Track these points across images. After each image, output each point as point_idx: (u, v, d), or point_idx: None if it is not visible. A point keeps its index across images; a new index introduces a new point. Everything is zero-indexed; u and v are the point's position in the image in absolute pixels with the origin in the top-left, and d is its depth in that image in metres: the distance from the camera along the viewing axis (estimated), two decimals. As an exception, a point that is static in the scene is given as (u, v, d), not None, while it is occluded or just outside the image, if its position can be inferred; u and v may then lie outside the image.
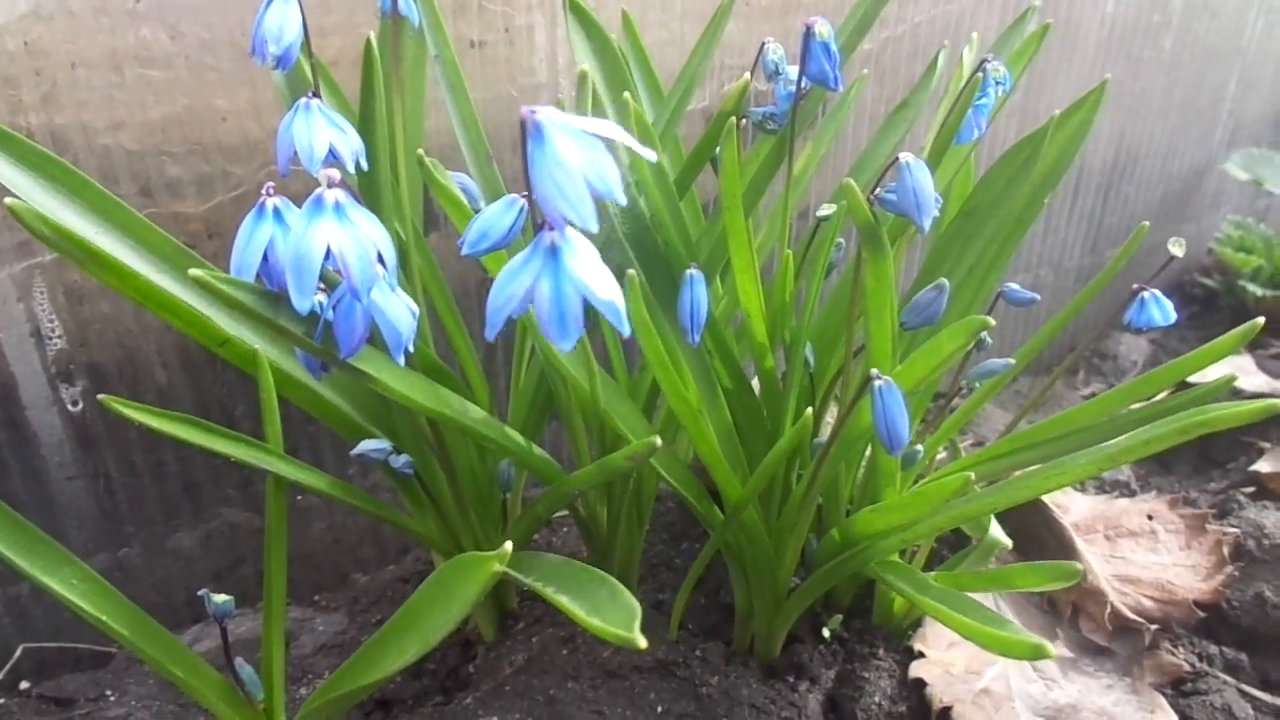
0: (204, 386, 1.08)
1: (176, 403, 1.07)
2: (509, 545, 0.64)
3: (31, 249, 0.96)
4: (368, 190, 0.84)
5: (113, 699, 1.05)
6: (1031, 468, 1.32)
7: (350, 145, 0.75)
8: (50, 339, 1.00)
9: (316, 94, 0.75)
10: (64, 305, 0.99)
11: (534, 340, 0.84)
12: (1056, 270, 1.81)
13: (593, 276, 0.53)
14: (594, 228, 0.51)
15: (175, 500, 1.12)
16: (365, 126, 0.84)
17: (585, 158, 0.50)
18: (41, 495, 1.04)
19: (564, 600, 0.63)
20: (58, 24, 0.91)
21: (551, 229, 0.54)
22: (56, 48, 0.91)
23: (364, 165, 0.77)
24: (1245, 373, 1.59)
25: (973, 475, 0.71)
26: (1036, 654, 0.64)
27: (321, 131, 0.73)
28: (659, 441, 0.68)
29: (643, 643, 0.57)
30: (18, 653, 1.08)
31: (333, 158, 0.73)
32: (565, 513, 1.34)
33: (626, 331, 0.54)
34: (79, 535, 1.07)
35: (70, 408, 1.03)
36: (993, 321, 0.69)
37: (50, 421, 1.02)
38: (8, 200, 0.62)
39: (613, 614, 0.60)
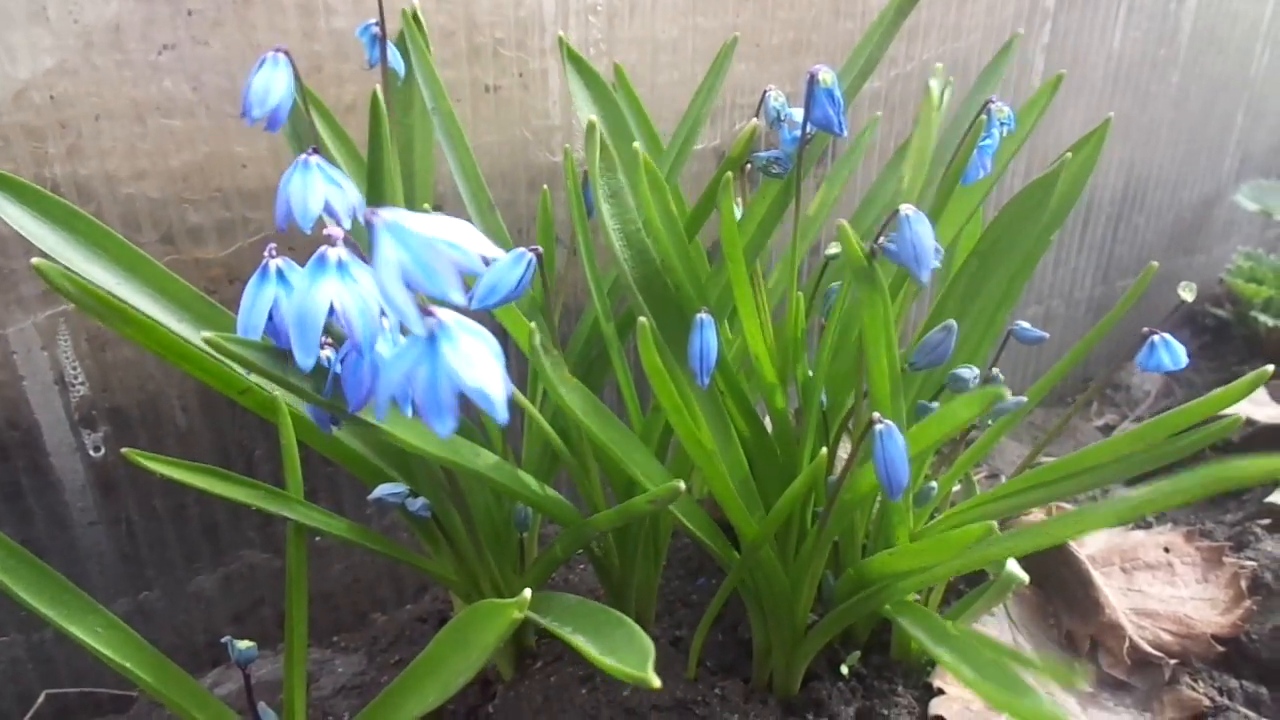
0: (224, 429, 1.10)
1: (197, 445, 1.09)
2: (528, 593, 0.64)
3: (55, 298, 0.98)
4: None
5: (134, 742, 1.06)
6: (1052, 513, 1.33)
7: (347, 201, 0.75)
8: (73, 385, 1.01)
9: (316, 150, 0.76)
10: (87, 352, 1.01)
11: (545, 385, 0.85)
12: (1068, 301, 1.81)
13: (464, 365, 0.51)
14: (419, 330, 0.51)
15: (195, 543, 1.13)
16: (374, 178, 0.86)
17: (409, 259, 0.49)
18: (64, 540, 1.05)
19: (579, 641, 0.64)
20: (82, 77, 0.93)
21: (432, 314, 0.52)
22: (81, 100, 0.93)
23: (361, 220, 0.78)
24: (1259, 404, 1.58)
25: (995, 525, 0.71)
26: (1049, 720, 0.64)
27: (317, 189, 0.73)
28: (683, 486, 0.69)
29: (656, 682, 0.57)
30: (40, 699, 1.09)
31: (328, 214, 0.74)
32: (580, 553, 1.35)
33: (502, 418, 0.51)
34: (101, 579, 1.09)
35: (92, 453, 1.04)
36: (1008, 395, 0.69)
37: (73, 467, 1.04)
38: (34, 260, 0.64)
39: (628, 654, 0.61)
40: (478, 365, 0.51)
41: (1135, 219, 1.86)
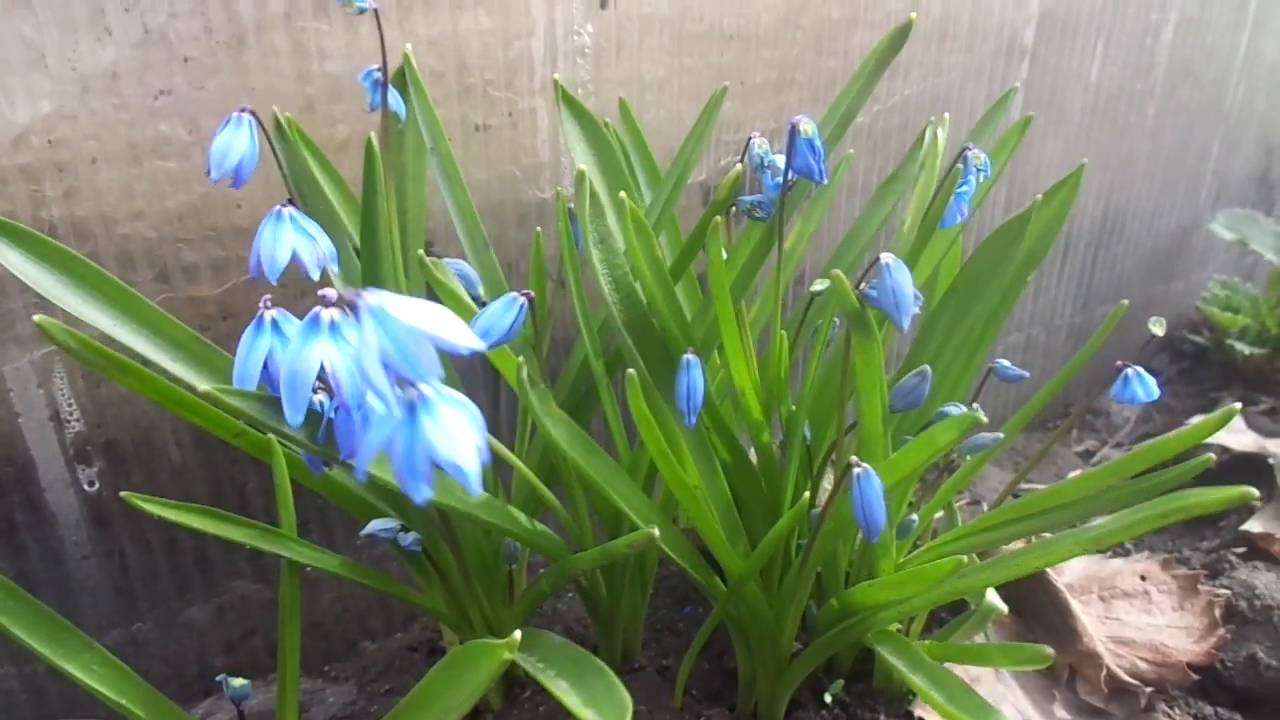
0: (217, 465, 1.11)
1: (191, 480, 1.10)
2: (518, 634, 0.66)
3: (52, 335, 0.99)
4: (371, 283, 0.87)
5: (125, 774, 1.07)
6: (1022, 545, 1.35)
7: (316, 253, 0.77)
8: (69, 422, 1.03)
9: (291, 201, 0.78)
10: (82, 389, 1.02)
11: (534, 419, 0.87)
12: (1048, 329, 1.84)
13: (441, 438, 0.52)
14: (396, 412, 0.52)
15: (188, 575, 1.14)
16: (367, 221, 0.88)
17: (389, 343, 0.50)
18: (58, 574, 1.06)
19: (561, 689, 0.65)
20: (80, 121, 0.95)
21: (413, 385, 0.53)
22: (79, 144, 0.95)
23: (333, 269, 0.80)
24: (1234, 431, 1.61)
25: (965, 559, 0.73)
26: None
27: (285, 240, 0.75)
28: (657, 533, 0.71)
29: (636, 734, 0.59)
30: (32, 731, 1.10)
31: (297, 263, 0.76)
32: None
33: (476, 491, 0.52)
34: (94, 612, 1.10)
35: (87, 488, 1.06)
36: (984, 418, 0.71)
37: (68, 502, 1.05)
38: (36, 318, 0.66)
39: (607, 707, 0.63)
40: (455, 438, 0.51)
41: (1114, 247, 1.89)
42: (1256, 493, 0.68)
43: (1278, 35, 1.97)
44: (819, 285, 1.03)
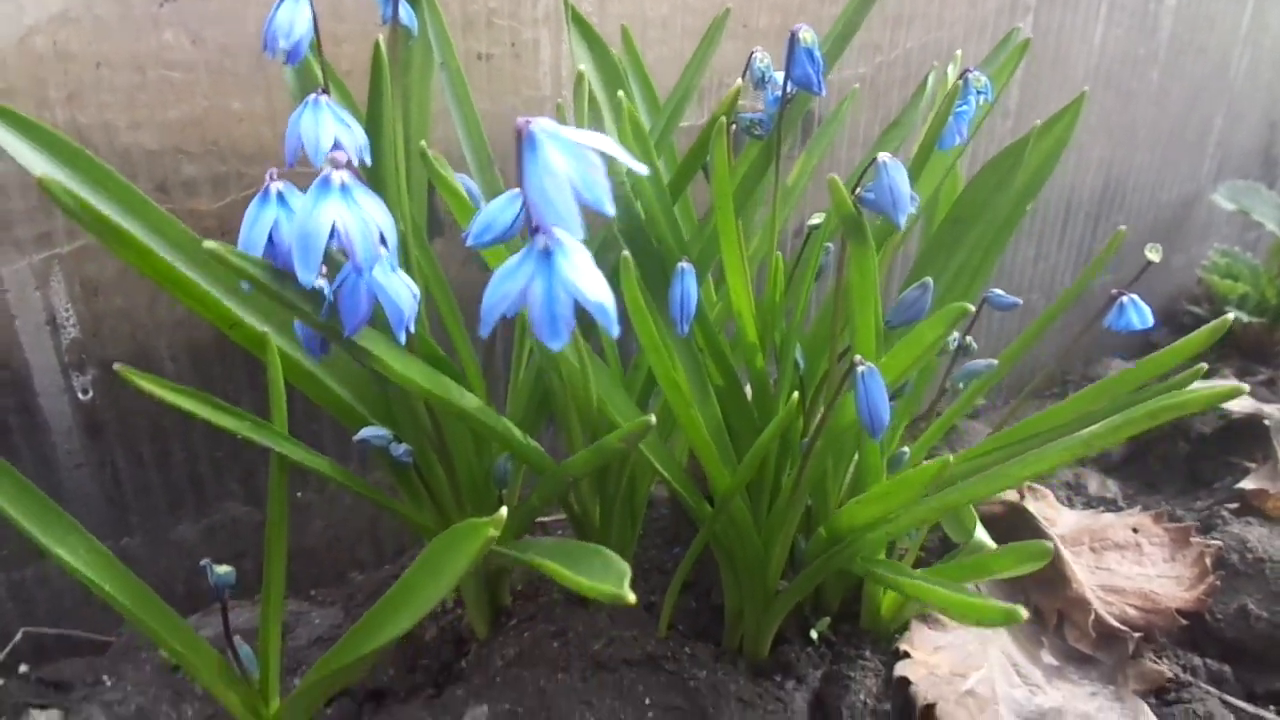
0: (211, 380, 1.12)
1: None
2: (504, 511, 0.66)
3: (51, 240, 1.00)
4: (374, 189, 0.87)
5: (109, 684, 1.07)
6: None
7: (355, 140, 0.79)
8: (65, 328, 1.03)
9: (326, 91, 0.79)
10: (79, 296, 1.03)
11: (531, 339, 0.87)
12: (1047, 295, 1.84)
13: (584, 280, 0.54)
14: (579, 236, 0.53)
15: (179, 492, 1.15)
16: (373, 127, 0.88)
17: (575, 168, 0.52)
18: (49, 481, 1.07)
19: (556, 565, 0.65)
20: (85, 26, 0.95)
21: (545, 232, 0.56)
22: (83, 49, 0.95)
23: (368, 160, 0.81)
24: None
25: (951, 458, 0.73)
26: (1009, 619, 0.66)
27: (328, 126, 0.76)
28: (653, 420, 0.71)
29: (632, 598, 0.59)
30: (18, 636, 1.10)
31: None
32: (560, 517, 1.37)
33: (615, 333, 0.55)
34: (84, 522, 1.07)
35: (81, 396, 1.06)
36: (971, 308, 0.72)
37: (61, 409, 1.05)
38: (38, 173, 0.66)
39: (604, 576, 0.62)
40: (593, 278, 0.53)
41: (1115, 217, 1.89)
42: (1247, 387, 0.68)
43: (1284, 8, 1.97)
44: (816, 219, 1.04)
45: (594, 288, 0.54)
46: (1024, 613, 0.65)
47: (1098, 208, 1.85)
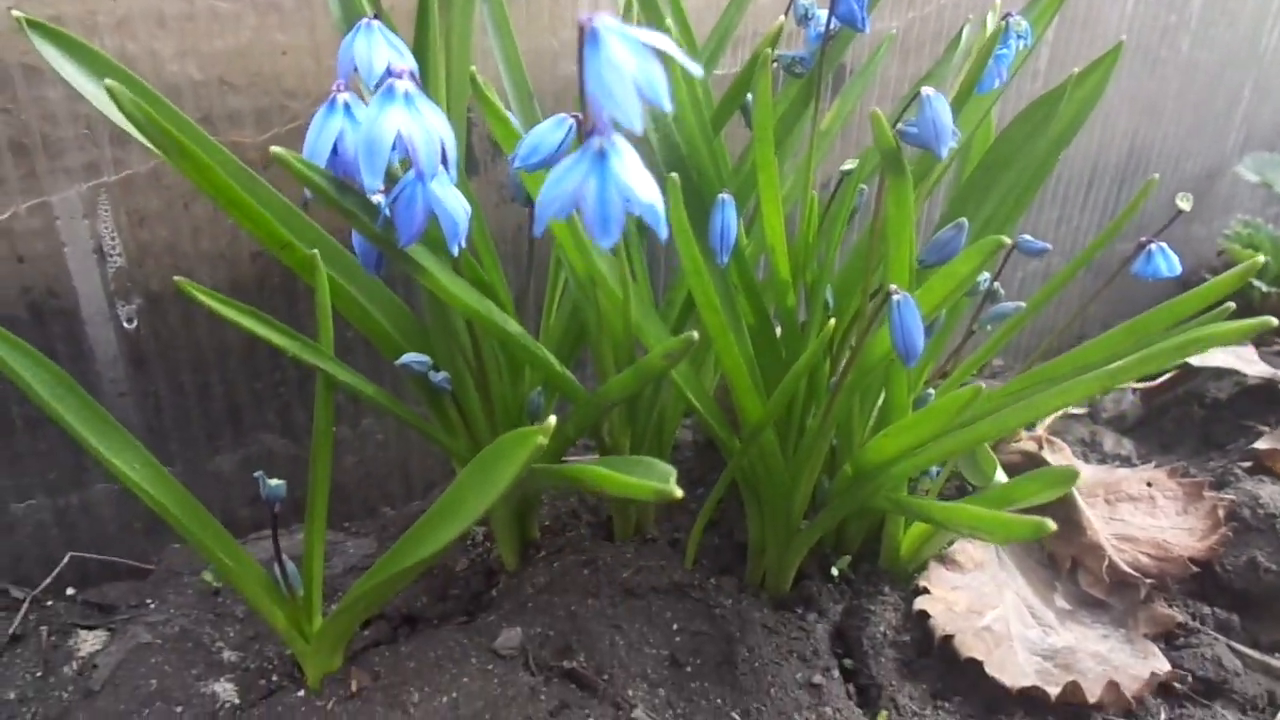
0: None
1: (224, 327, 1.13)
2: (553, 419, 0.68)
3: (99, 169, 1.02)
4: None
5: (153, 606, 1.10)
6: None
7: (407, 66, 0.81)
8: (111, 257, 1.05)
9: (377, 16, 0.80)
10: (125, 226, 1.05)
11: (566, 260, 0.89)
12: (1069, 259, 1.85)
13: (636, 180, 0.56)
14: (639, 128, 0.55)
15: (218, 423, 1.17)
16: (418, 56, 0.90)
17: (636, 63, 0.54)
18: (94, 407, 1.09)
19: (601, 470, 0.67)
20: (136, -48, 0.97)
21: (602, 134, 0.58)
22: (134, -29, 0.97)
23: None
24: (1247, 361, 1.63)
25: (983, 385, 0.75)
26: (1038, 531, 0.68)
27: (381, 49, 0.78)
28: (696, 336, 0.73)
29: (679, 492, 0.61)
30: (65, 560, 1.13)
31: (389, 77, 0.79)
32: (586, 458, 1.39)
33: (664, 235, 0.58)
34: None
35: (125, 325, 1.08)
36: (1007, 240, 0.73)
37: (106, 337, 1.08)
38: (107, 81, 0.68)
39: (649, 476, 0.64)
40: (645, 179, 0.55)
41: (1139, 186, 1.90)
42: (1275, 320, 0.70)
43: (1316, -21, 1.96)
44: (849, 164, 1.05)
45: (646, 189, 0.56)
46: (1052, 525, 0.68)
47: (1122, 174, 1.86)
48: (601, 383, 1.05)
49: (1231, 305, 0.82)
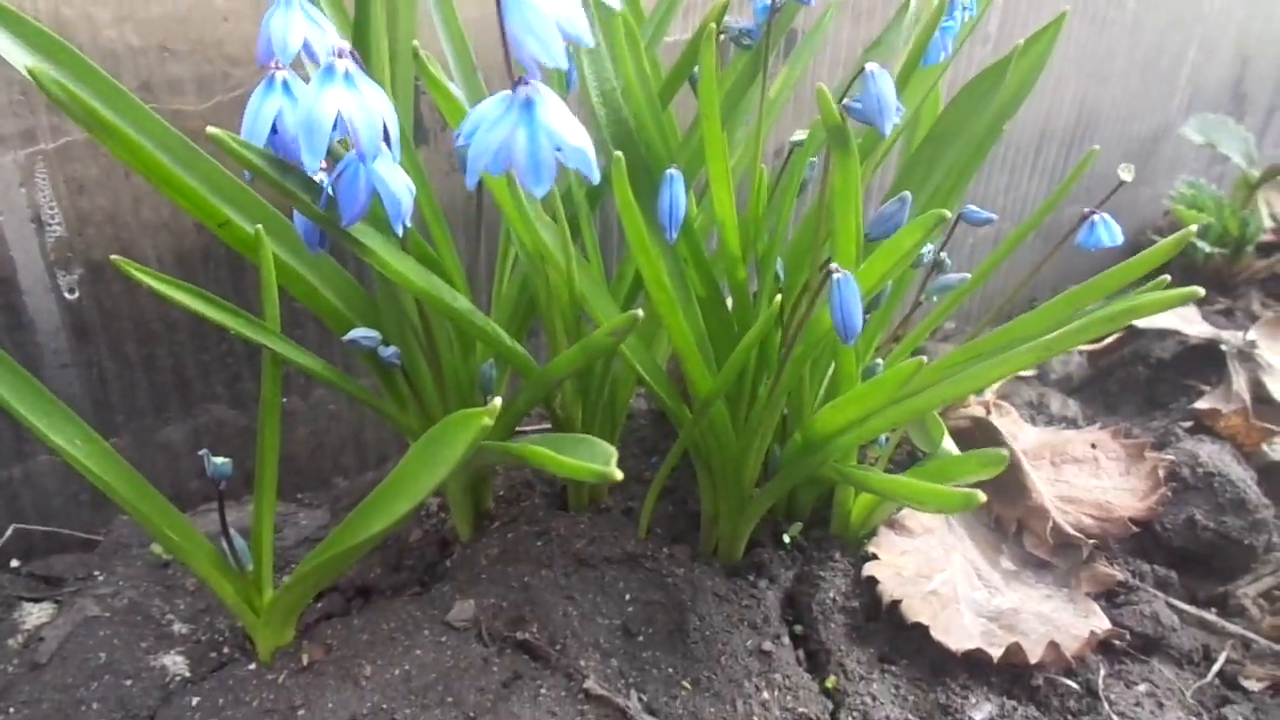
0: (197, 283, 1.11)
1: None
2: (498, 401, 0.69)
3: (35, 136, 0.99)
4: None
5: (100, 579, 1.09)
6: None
7: (325, 42, 0.78)
8: (50, 226, 1.03)
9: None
10: (64, 194, 1.02)
11: (517, 234, 0.89)
12: (1019, 223, 1.88)
13: (564, 126, 0.58)
14: (564, 64, 0.56)
15: (165, 393, 1.16)
16: (360, 30, 0.88)
17: (554, 3, 0.55)
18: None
19: (545, 450, 0.68)
20: (67, -88, 0.93)
21: (526, 82, 0.59)
22: (66, -65, 0.94)
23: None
24: (1190, 321, 1.67)
25: (924, 359, 0.77)
26: (967, 503, 0.70)
27: (297, 26, 0.75)
28: (640, 314, 0.74)
29: (619, 475, 0.62)
30: (8, 532, 1.12)
31: (306, 53, 0.76)
32: (540, 427, 1.40)
33: (595, 178, 0.59)
34: None
35: (67, 295, 1.06)
36: (949, 214, 0.74)
37: (47, 308, 1.06)
38: (29, 63, 0.66)
39: (590, 457, 0.65)
40: (572, 124, 0.57)
41: (1086, 148, 1.91)
42: (1201, 290, 0.72)
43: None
44: (799, 135, 1.05)
45: (573, 133, 0.58)
46: (982, 496, 0.69)
47: (1070, 138, 1.88)
48: (553, 354, 1.05)
49: (1167, 277, 0.83)
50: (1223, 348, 1.57)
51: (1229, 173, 2.19)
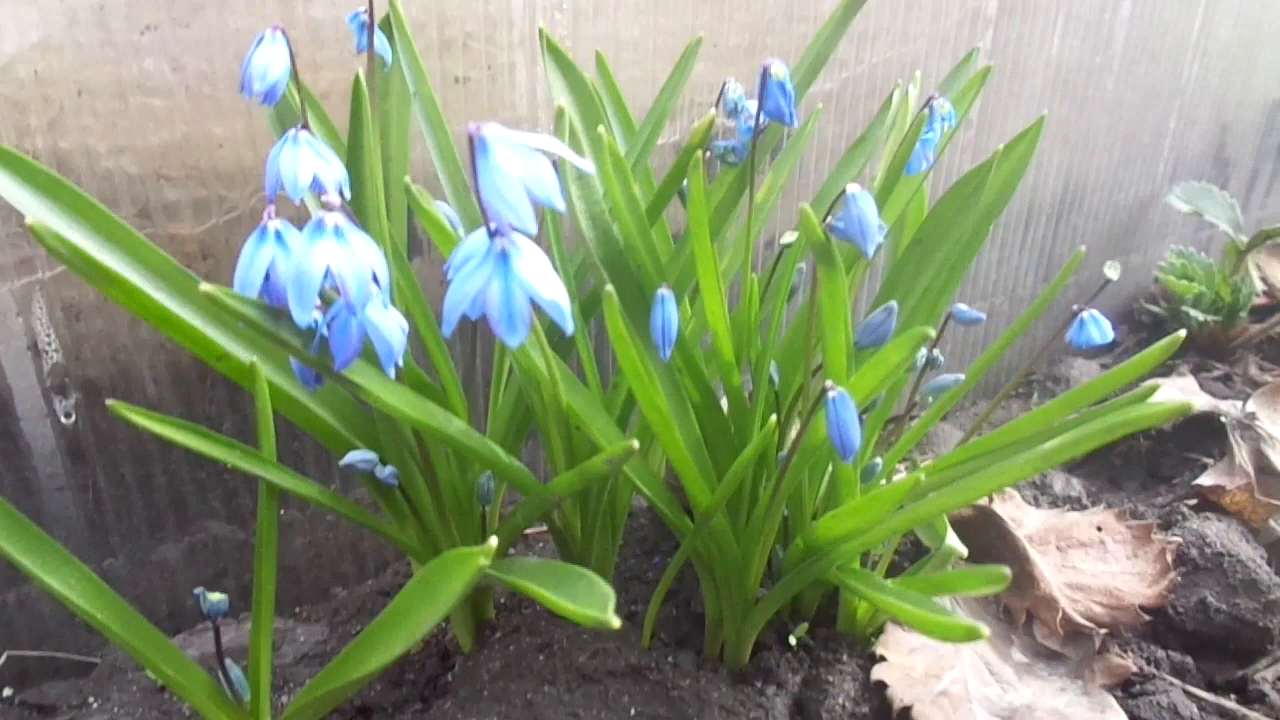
0: (193, 402, 1.13)
1: (167, 415, 1.11)
2: (494, 540, 0.68)
3: (32, 265, 1.00)
4: (356, 216, 0.89)
5: (95, 705, 1.08)
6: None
7: (334, 175, 0.80)
8: (46, 353, 1.03)
9: (305, 126, 0.80)
10: (61, 320, 1.03)
11: (511, 356, 0.89)
12: (1011, 298, 1.89)
13: (539, 279, 0.58)
14: (533, 230, 0.57)
15: (161, 513, 1.16)
16: (354, 156, 0.89)
17: (525, 167, 0.56)
18: (31, 505, 1.07)
19: (541, 590, 0.67)
20: (66, 54, 0.96)
21: (502, 235, 0.59)
22: (64, 76, 0.96)
23: (347, 193, 0.83)
24: (1189, 393, 1.66)
25: (922, 476, 0.76)
26: (971, 636, 0.69)
27: (306, 162, 0.77)
28: (636, 445, 0.74)
29: (616, 623, 0.61)
30: (1, 660, 1.11)
31: (316, 187, 0.78)
32: (542, 529, 1.39)
33: (570, 329, 0.59)
34: (66, 546, 1.08)
35: (63, 420, 1.06)
36: (932, 333, 0.75)
37: (43, 433, 1.06)
38: (29, 220, 0.67)
39: (589, 600, 0.65)
40: (548, 277, 0.57)
41: (1074, 220, 1.94)
42: (1196, 405, 0.72)
43: (1231, 14, 2.02)
44: (788, 237, 1.06)
45: (548, 287, 0.58)
46: (985, 630, 0.69)
47: (1058, 210, 1.90)
48: (550, 460, 1.05)
49: (1158, 383, 0.83)
50: (1222, 419, 1.57)
51: (1217, 236, 2.21)
